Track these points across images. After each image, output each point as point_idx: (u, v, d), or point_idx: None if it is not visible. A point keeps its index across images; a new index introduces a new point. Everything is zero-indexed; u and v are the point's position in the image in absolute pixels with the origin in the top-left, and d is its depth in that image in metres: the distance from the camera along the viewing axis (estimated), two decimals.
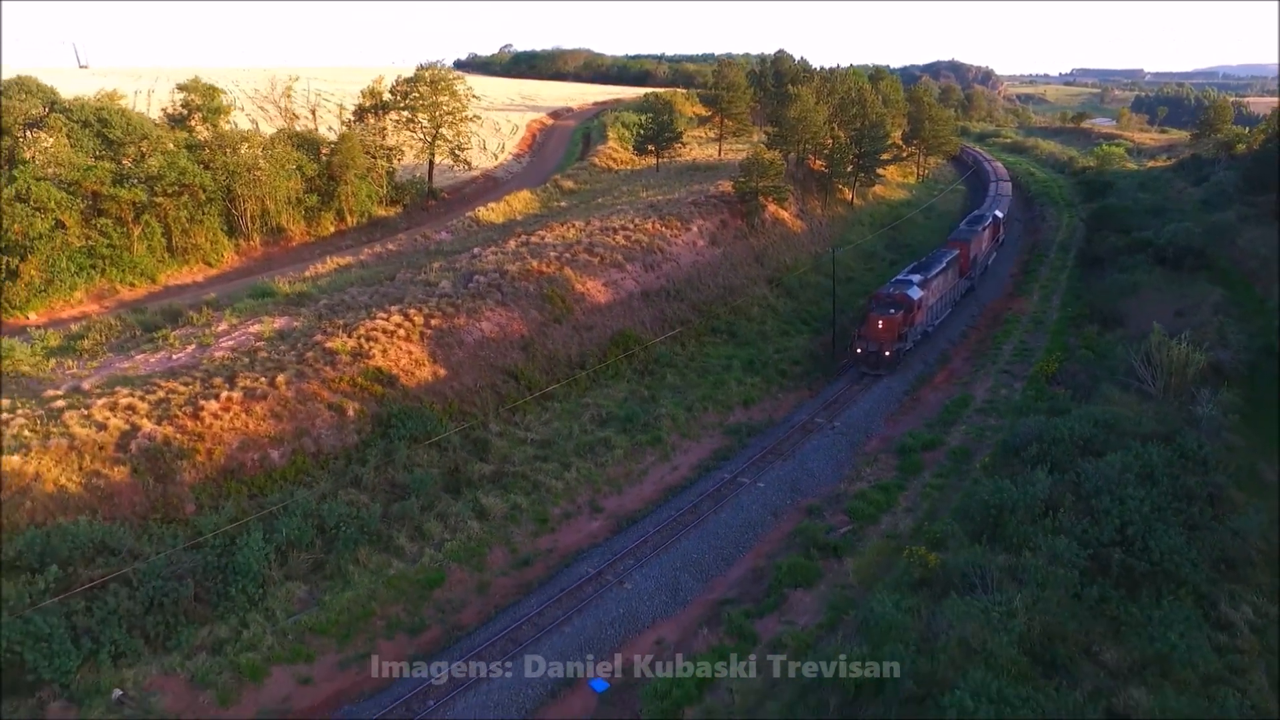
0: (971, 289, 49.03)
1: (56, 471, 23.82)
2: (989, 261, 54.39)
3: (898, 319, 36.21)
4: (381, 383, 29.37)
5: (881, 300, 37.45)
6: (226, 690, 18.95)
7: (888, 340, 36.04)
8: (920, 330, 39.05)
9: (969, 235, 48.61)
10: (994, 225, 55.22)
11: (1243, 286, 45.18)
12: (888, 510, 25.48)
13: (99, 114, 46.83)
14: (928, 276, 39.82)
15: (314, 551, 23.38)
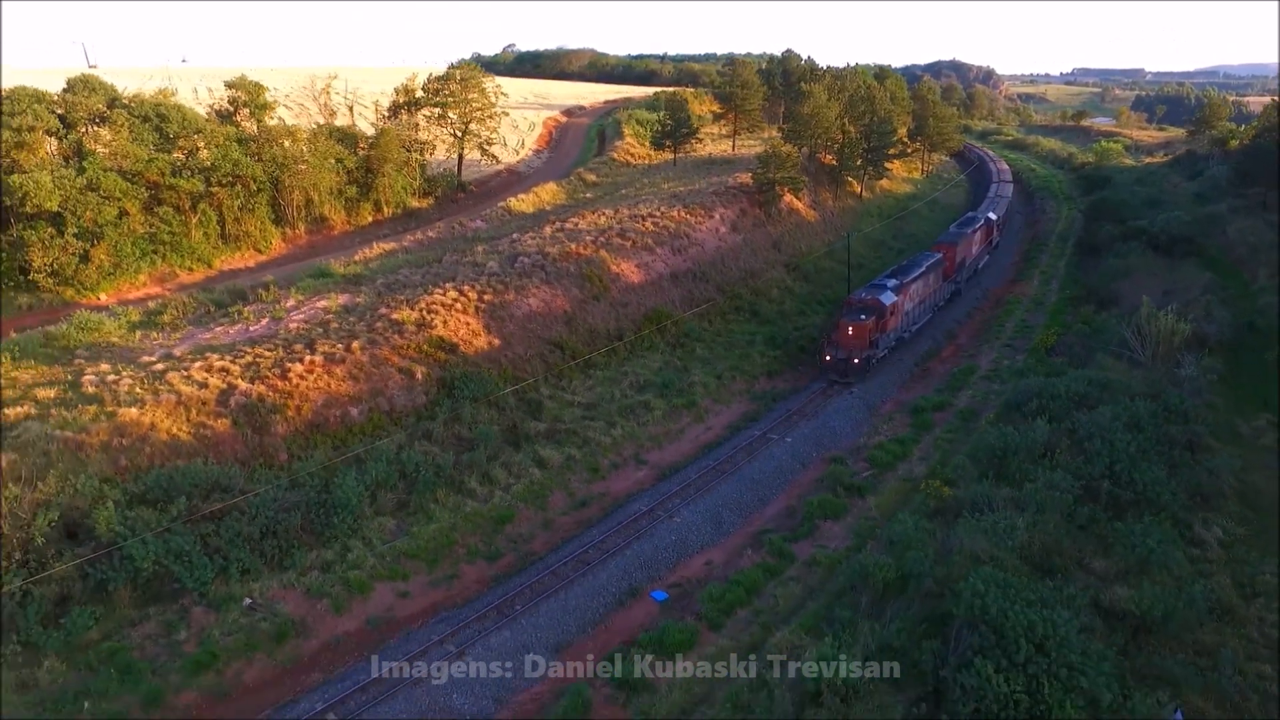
0: (957, 293, 48.06)
1: (169, 422, 26.89)
2: (979, 265, 53.54)
3: (868, 325, 35.03)
4: (444, 350, 32.44)
5: (852, 306, 36.44)
6: (339, 600, 22.01)
7: (857, 347, 34.93)
8: (894, 337, 38.11)
9: (956, 238, 48.02)
10: (986, 228, 54.47)
11: (1231, 272, 48.20)
12: (904, 459, 28.60)
13: (157, 109, 49.93)
14: (904, 281, 38.86)
15: (397, 492, 26.44)
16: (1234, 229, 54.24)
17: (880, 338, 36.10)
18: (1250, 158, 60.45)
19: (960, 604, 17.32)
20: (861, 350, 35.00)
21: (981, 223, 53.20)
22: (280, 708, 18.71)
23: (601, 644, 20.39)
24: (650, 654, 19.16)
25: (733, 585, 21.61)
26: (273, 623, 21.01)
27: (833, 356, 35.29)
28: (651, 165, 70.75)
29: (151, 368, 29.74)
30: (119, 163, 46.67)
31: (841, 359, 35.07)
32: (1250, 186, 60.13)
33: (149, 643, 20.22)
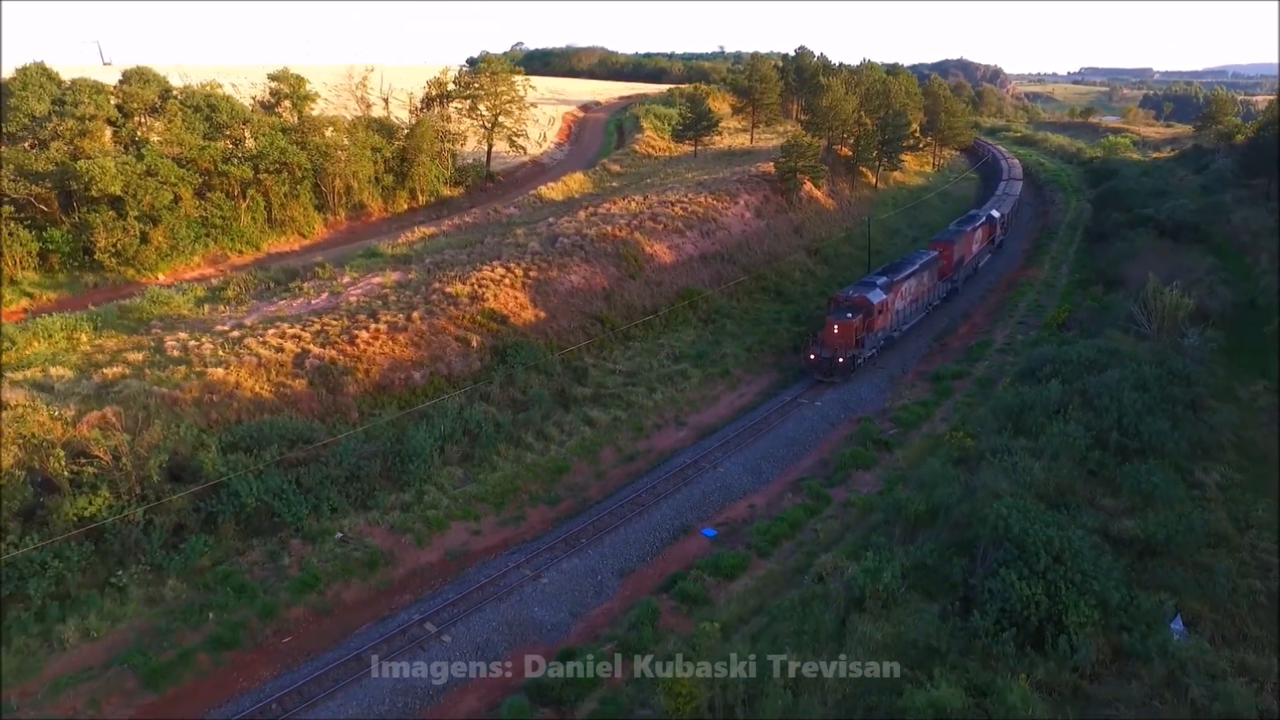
0: (954, 291, 47.08)
1: (251, 382, 29.33)
2: (979, 264, 52.47)
3: (855, 324, 34.22)
4: (495, 321, 34.82)
5: (839, 303, 35.67)
6: (420, 535, 24.40)
7: (842, 347, 34.09)
8: (883, 336, 37.25)
9: (954, 236, 47.12)
10: (988, 226, 53.34)
11: (1233, 257, 50.33)
12: (926, 419, 30.92)
13: (208, 100, 52.44)
14: (895, 279, 37.96)
15: (463, 445, 28.81)
16: (1238, 217, 56.36)
17: (867, 337, 35.24)
18: (1254, 151, 62.43)
19: (986, 526, 19.60)
20: (847, 349, 34.07)
21: (983, 221, 52.35)
22: (380, 620, 21.09)
23: (661, 570, 22.76)
24: (708, 574, 21.50)
25: (776, 521, 23.99)
26: (364, 553, 23.42)
27: (817, 355, 34.42)
28: (672, 157, 73.05)
29: (228, 335, 32.19)
30: (173, 150, 49.22)
31: (826, 358, 34.20)
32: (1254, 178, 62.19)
33: (256, 567, 22.63)
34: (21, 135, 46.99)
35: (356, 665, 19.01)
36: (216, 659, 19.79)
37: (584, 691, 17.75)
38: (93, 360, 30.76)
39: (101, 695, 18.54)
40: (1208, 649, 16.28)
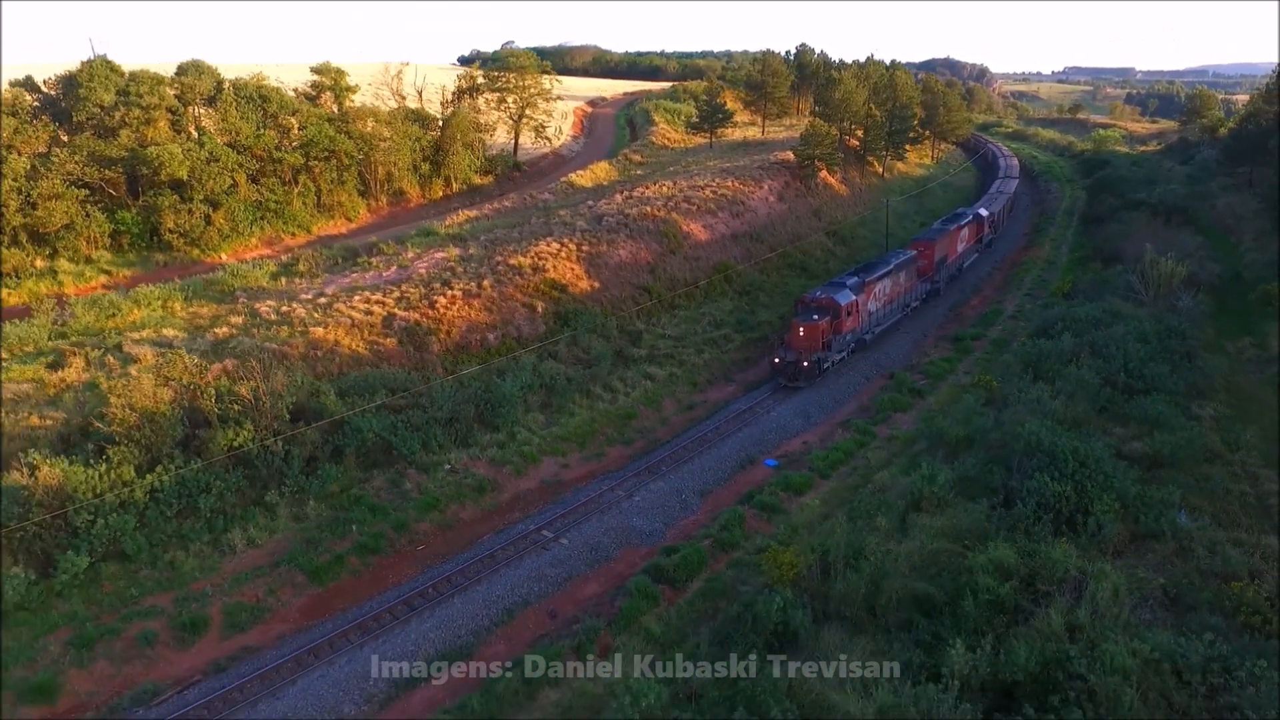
0: (935, 293, 45.93)
1: (348, 340, 32.52)
2: (964, 264, 51.29)
3: (821, 326, 33.12)
4: (556, 289, 38.13)
5: (806, 305, 34.54)
6: (518, 467, 27.73)
7: (807, 350, 32.94)
8: (852, 339, 36.10)
9: (936, 235, 46.16)
10: (975, 225, 52.19)
11: (1219, 238, 54.42)
12: (951, 373, 34.61)
13: (259, 90, 55.36)
14: (867, 280, 36.86)
15: (541, 396, 32.13)
16: (1222, 202, 60.57)
17: (835, 340, 34.14)
18: (1237, 141, 66.62)
19: (1020, 442, 23.16)
20: (813, 353, 32.89)
21: (969, 219, 51.19)
22: (499, 532, 24.40)
23: (734, 491, 26.22)
24: (780, 490, 24.99)
25: (831, 451, 27.55)
26: (472, 480, 26.72)
27: (782, 359, 33.17)
28: (687, 148, 76.52)
29: (316, 301, 35.35)
30: (229, 138, 52.15)
31: (790, 361, 32.88)
32: (1236, 167, 66.47)
33: (382, 491, 25.89)
34: (90, 124, 49.76)
35: (490, 562, 22.33)
36: (364, 561, 23.05)
37: (692, 574, 21.19)
38: (195, 324, 33.92)
39: (276, 586, 21.78)
40: (1209, 526, 19.89)
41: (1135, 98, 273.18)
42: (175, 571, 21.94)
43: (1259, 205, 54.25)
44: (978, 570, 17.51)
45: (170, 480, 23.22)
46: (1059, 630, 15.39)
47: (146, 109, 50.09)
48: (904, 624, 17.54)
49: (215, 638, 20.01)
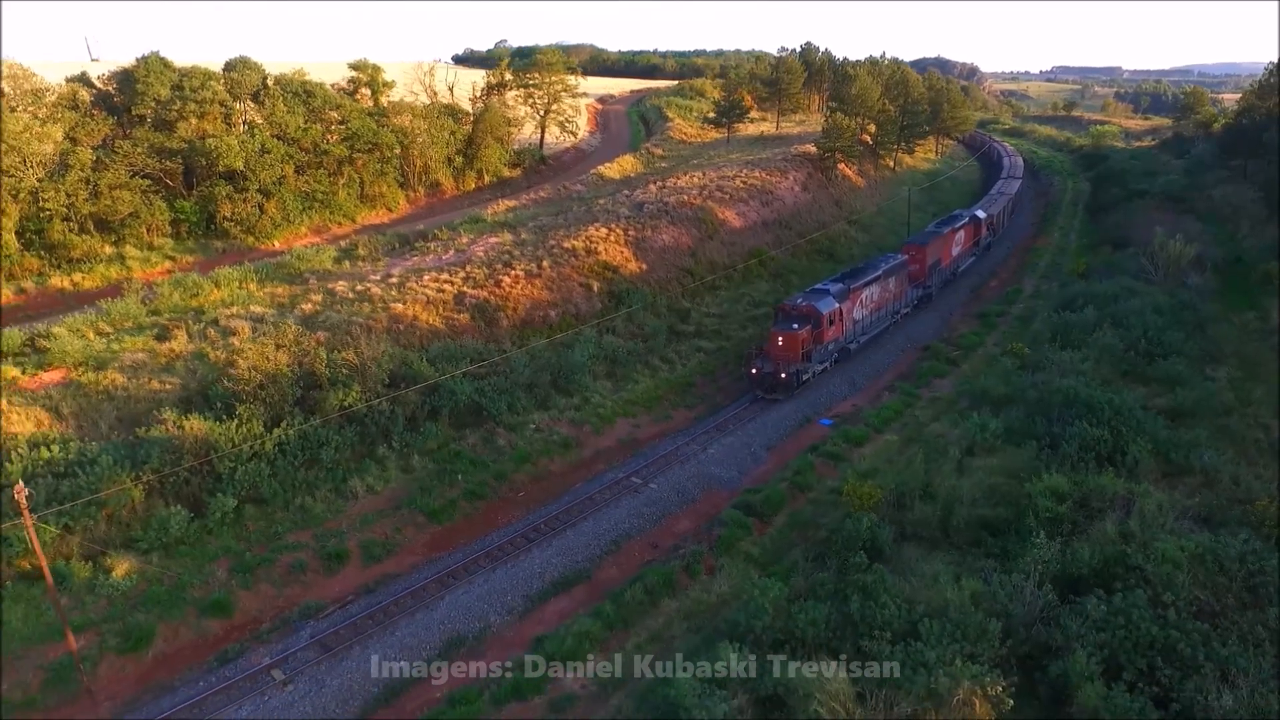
0: (928, 299, 44.33)
1: (426, 315, 34.99)
2: (959, 268, 49.52)
3: (801, 336, 31.55)
4: (609, 270, 40.69)
5: (786, 313, 33.04)
6: (596, 426, 30.32)
7: (785, 360, 31.48)
8: (835, 349, 34.54)
9: (927, 239, 44.44)
10: (971, 227, 50.46)
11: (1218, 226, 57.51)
12: (981, 345, 37.43)
13: (304, 86, 57.61)
14: (851, 286, 35.16)
15: (605, 366, 34.70)
16: (1219, 192, 63.69)
17: (815, 350, 32.57)
18: (1232, 135, 69.82)
19: (1059, 396, 25.96)
20: (791, 364, 31.47)
21: (965, 222, 49.41)
22: (588, 481, 26.95)
23: (796, 445, 28.88)
24: (842, 441, 27.69)
25: (882, 410, 30.28)
26: (558, 437, 29.28)
27: (759, 370, 31.86)
28: (705, 143, 79.16)
29: (387, 281, 37.76)
30: (276, 131, 54.38)
31: (768, 373, 31.63)
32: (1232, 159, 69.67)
33: (477, 447, 28.41)
34: (148, 118, 51.90)
35: (590, 504, 24.93)
36: (473, 505, 25.58)
37: (775, 510, 23.85)
38: (277, 302, 36.27)
39: (401, 526, 24.29)
40: (1231, 462, 22.70)
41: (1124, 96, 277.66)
42: (307, 514, 24.41)
43: (1256, 194, 57.32)
44: (1036, 495, 20.25)
45: (294, 434, 25.66)
46: (1114, 535, 18.14)
47: (201, 103, 52.31)
48: (973, 542, 20.27)
49: (357, 567, 22.49)
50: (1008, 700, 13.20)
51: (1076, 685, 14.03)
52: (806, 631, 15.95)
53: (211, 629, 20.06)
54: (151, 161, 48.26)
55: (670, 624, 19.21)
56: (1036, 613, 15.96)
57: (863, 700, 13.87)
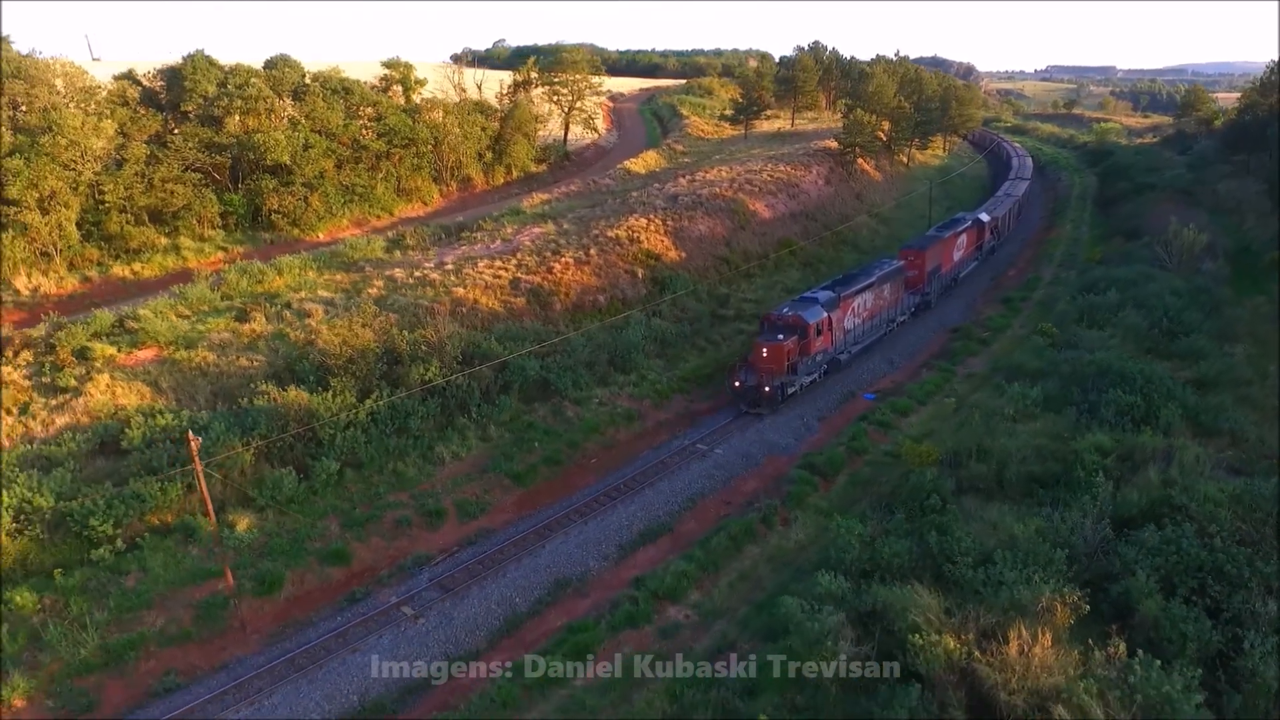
0: (926, 305, 42.86)
1: (485, 298, 36.93)
2: (960, 274, 48.21)
3: (786, 347, 30.33)
4: (651, 258, 42.69)
5: (771, 323, 31.81)
6: (654, 400, 32.34)
7: (769, 373, 30.22)
8: (824, 360, 33.09)
9: (926, 244, 43.31)
10: (974, 231, 49.33)
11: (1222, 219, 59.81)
12: (1008, 327, 39.60)
13: (342, 83, 59.47)
14: (843, 294, 33.87)
15: (656, 346, 36.70)
16: (1223, 186, 66.03)
17: (802, 362, 31.31)
18: (1236, 131, 72.22)
19: (1092, 367, 28.04)
20: (776, 377, 30.24)
21: (968, 225, 48.35)
22: (655, 449, 28.93)
23: (845, 416, 30.96)
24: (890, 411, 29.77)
25: (923, 385, 32.41)
26: (621, 410, 31.28)
27: (742, 383, 30.66)
28: (723, 139, 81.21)
29: (443, 268, 39.68)
30: (318, 126, 56.21)
31: (751, 386, 30.38)
32: (1235, 154, 72.04)
33: (548, 419, 30.39)
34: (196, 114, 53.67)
35: (662, 468, 26.93)
36: (551, 470, 27.56)
37: (837, 470, 25.96)
38: (340, 287, 38.16)
39: (489, 487, 26.26)
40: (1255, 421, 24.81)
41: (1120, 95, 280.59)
42: (400, 477, 26.35)
43: (1261, 188, 59.59)
44: (1083, 450, 22.30)
45: (384, 405, 27.58)
46: (1157, 482, 20.20)
47: (247, 100, 54.10)
48: (1025, 494, 22.29)
49: (454, 523, 24.45)
50: (1085, 605, 15.23)
51: (1138, 600, 16.05)
52: (891, 561, 17.97)
53: (333, 575, 22.00)
54: (202, 156, 50.01)
55: (756, 566, 21.23)
56: (1096, 544, 18.00)
57: (950, 614, 15.87)
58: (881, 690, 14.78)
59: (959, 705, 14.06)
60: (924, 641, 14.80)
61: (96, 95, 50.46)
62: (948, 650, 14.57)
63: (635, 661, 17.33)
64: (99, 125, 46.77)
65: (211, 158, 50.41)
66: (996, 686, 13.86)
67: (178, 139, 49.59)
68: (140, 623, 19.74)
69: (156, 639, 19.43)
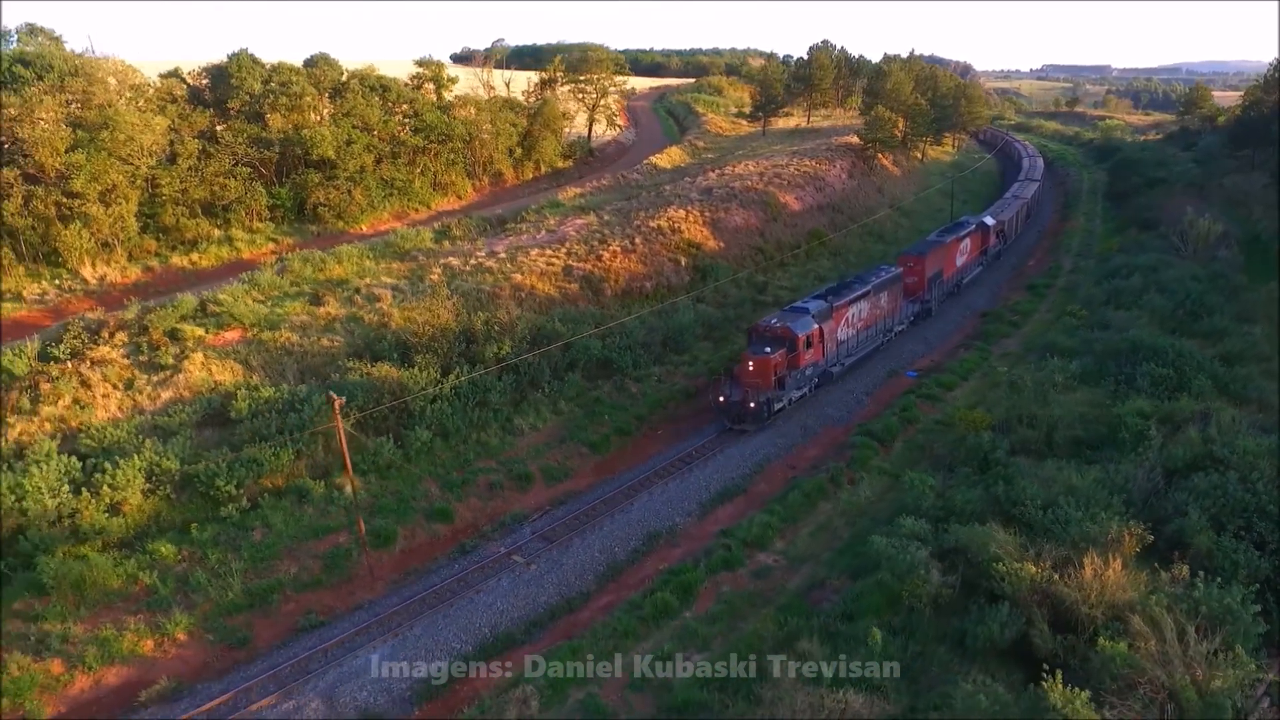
0: (926, 314, 41.31)
1: (541, 284, 38.85)
2: (964, 280, 46.59)
3: (774, 361, 29.00)
4: (693, 247, 44.67)
5: (759, 334, 30.33)
6: (709, 377, 34.24)
7: (755, 388, 28.88)
8: (815, 374, 31.59)
9: (929, 248, 41.92)
10: (979, 235, 47.83)
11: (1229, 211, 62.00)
12: (1035, 311, 41.64)
13: (380, 81, 61.31)
14: (836, 304, 32.58)
15: (703, 330, 38.66)
16: (1229, 181, 68.24)
17: (790, 376, 29.78)
18: (1241, 127, 74.43)
19: (1125, 343, 30.10)
20: (762, 391, 28.89)
21: (972, 229, 46.70)
22: (716, 421, 30.87)
23: (890, 392, 32.97)
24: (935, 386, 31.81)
25: (962, 363, 34.54)
26: (679, 387, 33.24)
27: (726, 397, 29.18)
28: (741, 136, 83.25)
29: (496, 256, 41.57)
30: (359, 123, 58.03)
31: (735, 401, 28.92)
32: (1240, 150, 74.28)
33: (613, 394, 32.36)
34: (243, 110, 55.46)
35: (729, 437, 28.88)
36: (623, 440, 29.54)
37: (893, 437, 27.96)
38: (400, 275, 40.02)
39: (568, 454, 28.23)
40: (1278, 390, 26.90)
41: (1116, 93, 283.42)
42: (484, 446, 28.28)
43: (1267, 182, 61.79)
44: (1125, 415, 24.35)
45: (465, 380, 29.50)
46: (1198, 439, 22.24)
47: (291, 97, 55.91)
48: (1073, 454, 24.32)
49: (541, 486, 26.40)
50: (1149, 536, 17.24)
51: (1191, 536, 18.07)
52: (964, 508, 19.97)
53: (440, 531, 23.93)
54: (250, 151, 51.80)
55: (831, 519, 23.24)
56: (1149, 491, 20.02)
57: (1024, 549, 17.86)
58: (972, 610, 16.78)
59: (1043, 619, 16.05)
60: (1008, 569, 16.80)
61: (145, 93, 52.27)
62: (1030, 575, 16.56)
63: (734, 599, 19.32)
64: (151, 121, 48.60)
65: (259, 153, 52.20)
66: (1077, 602, 15.85)
67: (227, 134, 51.33)
68: (274, 571, 21.65)
69: (292, 584, 21.35)
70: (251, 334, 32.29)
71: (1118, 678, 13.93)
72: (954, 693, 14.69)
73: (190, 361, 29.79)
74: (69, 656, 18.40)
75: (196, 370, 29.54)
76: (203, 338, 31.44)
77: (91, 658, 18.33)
